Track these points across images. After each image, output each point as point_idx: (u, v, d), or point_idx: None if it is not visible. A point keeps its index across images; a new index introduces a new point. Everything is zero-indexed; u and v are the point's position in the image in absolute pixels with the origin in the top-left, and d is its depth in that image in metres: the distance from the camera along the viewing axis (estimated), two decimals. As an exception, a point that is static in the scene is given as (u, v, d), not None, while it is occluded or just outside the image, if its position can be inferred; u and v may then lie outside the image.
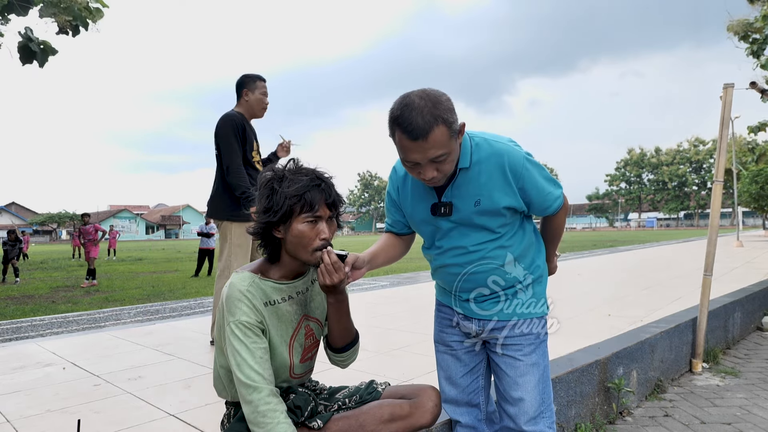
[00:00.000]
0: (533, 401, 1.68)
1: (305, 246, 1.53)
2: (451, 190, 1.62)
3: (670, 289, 5.76)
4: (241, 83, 3.62)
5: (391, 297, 6.15)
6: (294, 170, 1.56)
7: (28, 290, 10.97)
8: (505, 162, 1.58)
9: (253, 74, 3.65)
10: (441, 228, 1.69)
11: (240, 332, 1.47)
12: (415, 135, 1.42)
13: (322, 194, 1.53)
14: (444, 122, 1.42)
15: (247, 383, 1.44)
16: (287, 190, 1.51)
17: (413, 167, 1.52)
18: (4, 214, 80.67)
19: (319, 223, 1.54)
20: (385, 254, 1.80)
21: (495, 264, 1.67)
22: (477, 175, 1.59)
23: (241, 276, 1.56)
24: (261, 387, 1.44)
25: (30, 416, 2.34)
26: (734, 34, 15.14)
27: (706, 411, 3.01)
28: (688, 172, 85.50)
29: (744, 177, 25.55)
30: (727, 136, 3.77)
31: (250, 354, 1.46)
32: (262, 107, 3.64)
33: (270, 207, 1.51)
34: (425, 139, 1.42)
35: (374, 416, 1.60)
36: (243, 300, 1.50)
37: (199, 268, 13.59)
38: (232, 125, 3.46)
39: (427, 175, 1.50)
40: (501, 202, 1.60)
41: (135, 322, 6.31)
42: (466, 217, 1.63)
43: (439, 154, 1.45)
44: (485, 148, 1.59)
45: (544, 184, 1.66)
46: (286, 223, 1.52)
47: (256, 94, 3.60)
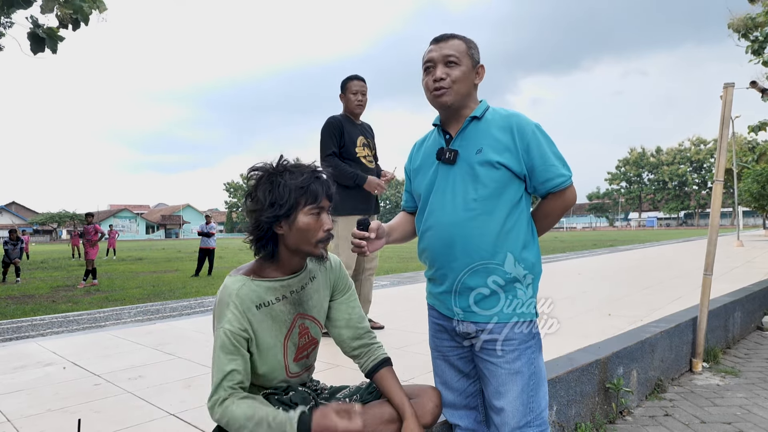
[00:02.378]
0: (515, 411, 1.62)
1: (309, 239, 1.55)
2: (459, 140, 1.71)
3: (670, 289, 5.75)
4: (341, 85, 3.89)
5: (391, 297, 6.15)
6: (292, 165, 1.58)
7: (29, 290, 10.98)
8: (513, 122, 1.67)
9: (349, 75, 3.88)
10: (439, 177, 1.71)
11: (220, 342, 1.50)
12: (437, 39, 1.70)
13: (322, 186, 1.56)
14: (464, 40, 1.70)
15: (212, 398, 1.47)
16: (291, 182, 1.52)
17: (428, 71, 1.70)
18: (4, 214, 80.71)
19: (322, 214, 1.57)
20: (402, 229, 1.91)
21: (480, 241, 1.62)
22: (486, 128, 1.68)
23: (234, 279, 1.57)
24: (219, 397, 1.47)
25: (30, 416, 2.34)
26: (735, 31, 15.12)
27: (706, 410, 3.01)
28: (688, 172, 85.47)
29: (746, 176, 25.49)
30: (728, 136, 3.77)
31: (219, 370, 1.48)
32: (356, 104, 3.86)
33: (275, 200, 1.51)
34: (445, 41, 1.69)
35: (375, 416, 1.59)
36: (230, 306, 1.51)
37: (199, 267, 13.59)
38: (328, 127, 3.76)
39: (437, 72, 1.66)
40: (501, 155, 1.63)
41: (135, 322, 6.31)
42: (467, 166, 1.66)
43: (451, 54, 1.66)
44: (500, 112, 1.72)
45: (550, 155, 1.65)
46: (290, 217, 1.53)
47: (348, 95, 3.85)
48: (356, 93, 3.83)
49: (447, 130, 1.76)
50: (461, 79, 1.67)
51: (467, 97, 1.71)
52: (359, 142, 3.81)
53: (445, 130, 1.76)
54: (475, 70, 1.71)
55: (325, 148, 3.69)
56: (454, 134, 1.73)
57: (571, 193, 1.69)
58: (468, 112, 1.72)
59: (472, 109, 1.72)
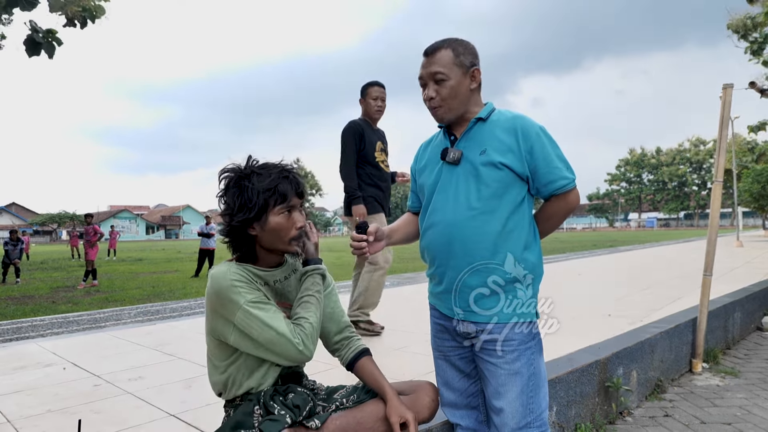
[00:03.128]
0: (515, 412, 1.62)
1: (283, 237, 1.58)
2: (464, 141, 1.71)
3: (670, 289, 5.75)
4: (361, 90, 3.94)
5: (391, 297, 6.15)
6: (259, 167, 1.59)
7: (29, 290, 10.97)
8: (518, 124, 1.67)
9: (370, 81, 3.94)
10: (443, 176, 1.72)
11: (257, 310, 1.50)
12: (426, 52, 1.69)
13: (291, 185, 1.58)
14: (452, 48, 1.66)
15: (295, 343, 1.51)
16: (259, 185, 1.54)
17: (422, 86, 1.71)
18: (4, 215, 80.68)
19: (294, 212, 1.59)
20: (404, 230, 1.91)
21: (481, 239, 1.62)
22: (491, 129, 1.69)
23: (220, 266, 1.58)
24: (296, 340, 1.51)
25: (31, 416, 2.34)
26: (734, 32, 15.12)
27: (706, 411, 3.01)
28: (688, 172, 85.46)
29: (746, 176, 25.48)
30: (727, 136, 3.77)
31: (279, 322, 1.51)
32: (375, 110, 3.92)
33: (244, 204, 1.54)
34: (432, 55, 1.66)
35: (372, 413, 1.60)
36: (235, 283, 1.51)
37: (199, 268, 13.59)
38: (350, 132, 3.80)
39: (428, 92, 1.67)
40: (505, 156, 1.63)
41: (135, 323, 6.31)
42: (471, 166, 1.66)
43: (437, 71, 1.64)
44: (506, 114, 1.72)
45: (554, 158, 1.66)
46: (261, 219, 1.55)
47: (368, 100, 3.91)
48: (376, 99, 3.89)
49: (452, 132, 1.76)
50: (451, 95, 1.67)
51: (465, 105, 1.71)
52: (377, 147, 3.88)
53: (450, 131, 1.77)
54: (469, 75, 1.68)
55: (348, 151, 3.76)
56: (459, 135, 1.74)
57: (575, 196, 1.69)
58: (472, 115, 1.72)
59: (475, 112, 1.73)
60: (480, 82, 1.73)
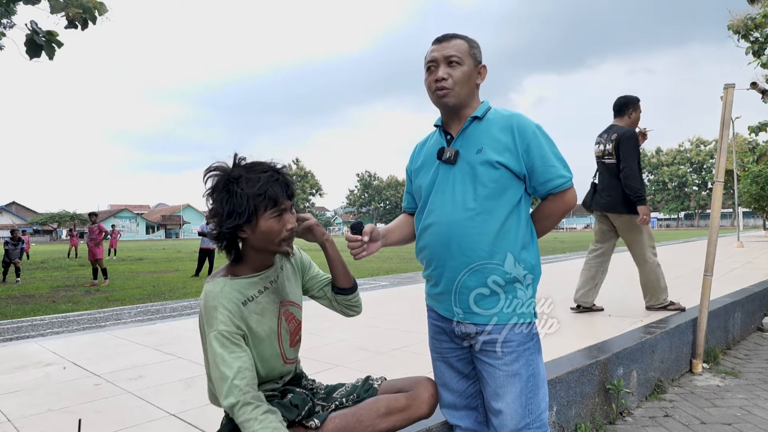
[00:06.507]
0: (513, 414, 1.61)
1: (273, 239, 1.56)
2: (460, 140, 1.71)
3: (670, 290, 5.74)
4: (626, 102, 4.31)
5: (391, 297, 6.15)
6: (247, 168, 1.54)
7: (29, 290, 10.98)
8: (514, 122, 1.68)
9: (635, 97, 4.32)
10: (439, 176, 1.71)
11: (219, 344, 1.46)
12: (440, 39, 1.72)
13: (281, 187, 1.54)
14: (466, 40, 1.71)
15: (228, 399, 1.42)
16: (248, 189, 1.49)
17: (430, 70, 1.71)
18: (4, 214, 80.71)
19: (285, 214, 1.55)
20: (400, 231, 1.90)
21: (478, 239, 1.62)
22: (487, 128, 1.69)
23: (214, 283, 1.56)
24: (239, 401, 1.42)
25: (31, 416, 2.34)
26: (735, 32, 15.09)
27: (706, 411, 3.01)
28: (688, 173, 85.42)
29: (744, 178, 25.47)
30: (728, 137, 3.77)
31: (228, 368, 1.44)
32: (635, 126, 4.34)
33: (233, 210, 1.49)
34: (447, 41, 1.70)
35: (371, 411, 1.61)
36: (218, 308, 1.49)
37: (199, 267, 13.59)
38: (636, 140, 4.19)
39: (440, 72, 1.67)
40: (501, 155, 1.63)
41: (135, 322, 6.31)
42: (467, 166, 1.66)
43: (453, 54, 1.67)
44: (502, 112, 1.74)
45: (551, 156, 1.66)
46: (251, 223, 1.51)
47: (637, 113, 4.31)
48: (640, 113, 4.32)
49: (448, 131, 1.76)
50: (463, 80, 1.68)
51: (469, 98, 1.71)
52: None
53: (446, 130, 1.77)
54: (477, 70, 1.72)
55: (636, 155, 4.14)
56: (455, 134, 1.73)
57: (572, 194, 1.69)
58: (469, 113, 1.72)
59: (473, 109, 1.73)
60: (482, 81, 1.74)
